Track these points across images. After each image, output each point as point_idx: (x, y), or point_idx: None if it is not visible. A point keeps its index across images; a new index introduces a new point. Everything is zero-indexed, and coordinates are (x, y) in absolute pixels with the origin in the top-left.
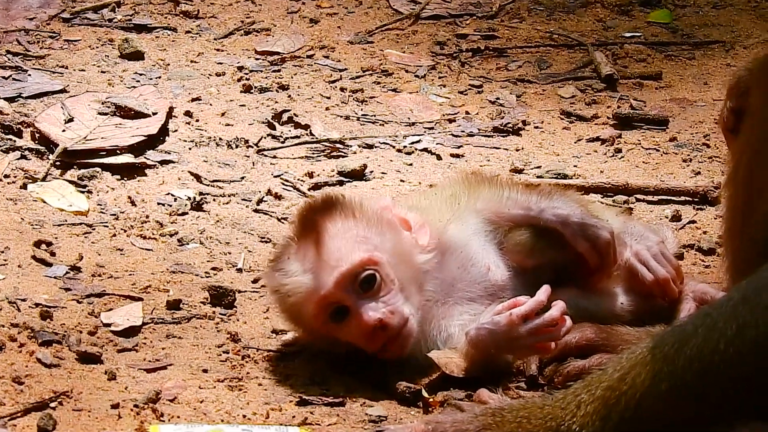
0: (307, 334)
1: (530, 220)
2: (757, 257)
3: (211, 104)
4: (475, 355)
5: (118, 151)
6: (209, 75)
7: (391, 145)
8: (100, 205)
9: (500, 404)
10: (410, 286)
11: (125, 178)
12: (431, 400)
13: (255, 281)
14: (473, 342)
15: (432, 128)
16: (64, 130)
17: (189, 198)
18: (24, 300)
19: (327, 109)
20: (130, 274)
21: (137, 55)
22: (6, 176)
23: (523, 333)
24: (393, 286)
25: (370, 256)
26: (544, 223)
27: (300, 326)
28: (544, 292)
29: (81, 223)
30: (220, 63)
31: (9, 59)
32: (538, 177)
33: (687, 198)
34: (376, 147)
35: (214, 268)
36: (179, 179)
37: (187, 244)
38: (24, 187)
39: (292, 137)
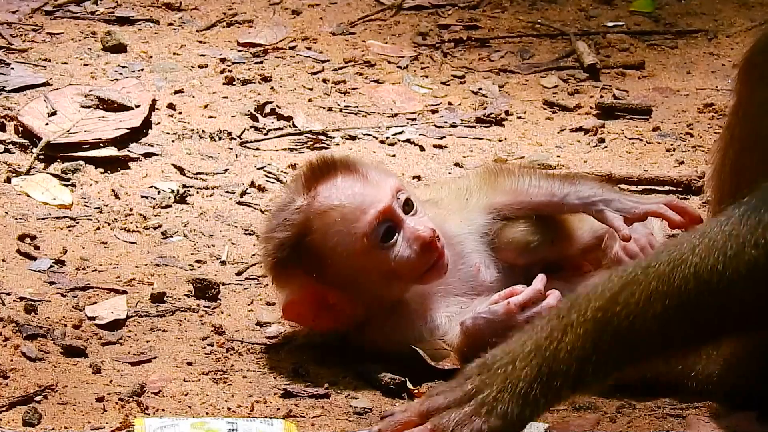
0: (340, 267)
1: (553, 207)
2: None
3: (193, 96)
4: (471, 344)
5: (101, 144)
6: (192, 67)
7: (374, 137)
8: (84, 198)
9: (483, 360)
10: None
11: (109, 171)
12: (416, 391)
13: (239, 273)
14: (470, 331)
15: (415, 119)
16: (47, 124)
17: (172, 191)
18: (8, 294)
19: (310, 100)
20: (114, 268)
21: (120, 48)
22: None
23: (520, 322)
24: (424, 212)
25: (401, 183)
26: (567, 208)
27: (337, 253)
28: (540, 281)
29: (65, 217)
30: (203, 55)
31: None
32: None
33: (671, 188)
34: (359, 138)
35: (198, 261)
36: (162, 172)
37: (171, 236)
38: (8, 180)
39: (274, 129)
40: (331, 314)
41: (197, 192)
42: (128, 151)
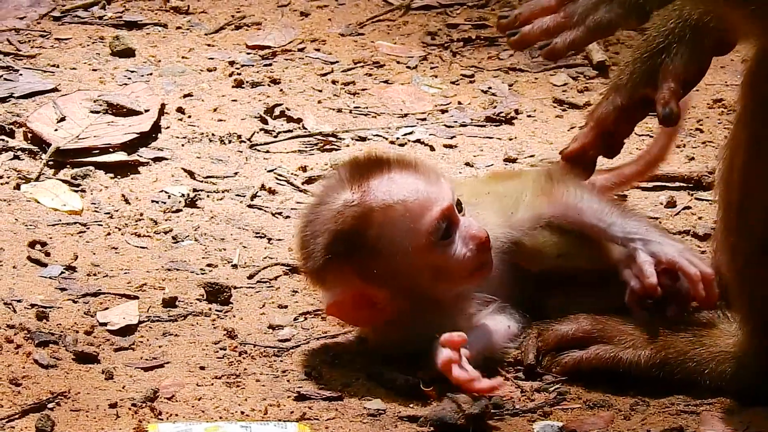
0: (397, 262)
1: (596, 231)
2: (756, 251)
3: (203, 100)
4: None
5: (110, 150)
6: (201, 71)
7: (384, 137)
8: (94, 203)
9: None
10: None
11: (118, 177)
12: (430, 392)
13: (250, 277)
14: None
15: (424, 119)
16: (56, 130)
17: (183, 195)
18: (20, 301)
19: (319, 102)
20: (126, 273)
21: (128, 53)
22: None
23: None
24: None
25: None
26: (607, 236)
27: (396, 248)
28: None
29: (75, 223)
30: (212, 58)
31: (0, 59)
32: (531, 166)
33: (681, 184)
34: (369, 139)
35: (209, 265)
36: (172, 176)
37: (182, 241)
38: (17, 187)
39: (284, 131)
40: (374, 313)
41: (207, 196)
42: (138, 155)
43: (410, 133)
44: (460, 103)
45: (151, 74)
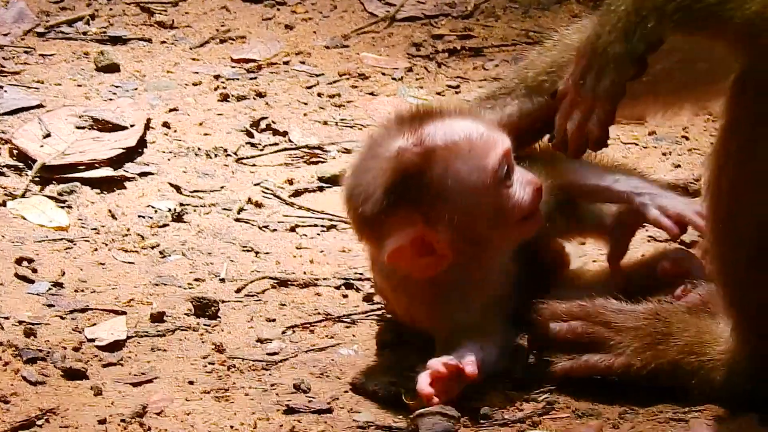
0: (466, 198)
1: (601, 191)
2: (746, 257)
3: (188, 114)
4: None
5: (96, 165)
6: (186, 85)
7: None
8: (81, 219)
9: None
10: None
11: (105, 192)
12: (412, 404)
13: (238, 291)
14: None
15: None
16: (42, 146)
17: (169, 209)
18: (7, 318)
19: (305, 114)
20: (113, 288)
21: (113, 68)
22: None
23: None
24: None
25: None
26: (614, 194)
27: (461, 186)
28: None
29: (62, 239)
30: (197, 72)
31: None
32: None
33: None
34: (355, 151)
35: (196, 279)
36: (159, 191)
37: (169, 255)
38: (3, 204)
39: (270, 144)
40: (432, 261)
41: (194, 210)
42: (124, 170)
43: None
44: None
45: (136, 89)
